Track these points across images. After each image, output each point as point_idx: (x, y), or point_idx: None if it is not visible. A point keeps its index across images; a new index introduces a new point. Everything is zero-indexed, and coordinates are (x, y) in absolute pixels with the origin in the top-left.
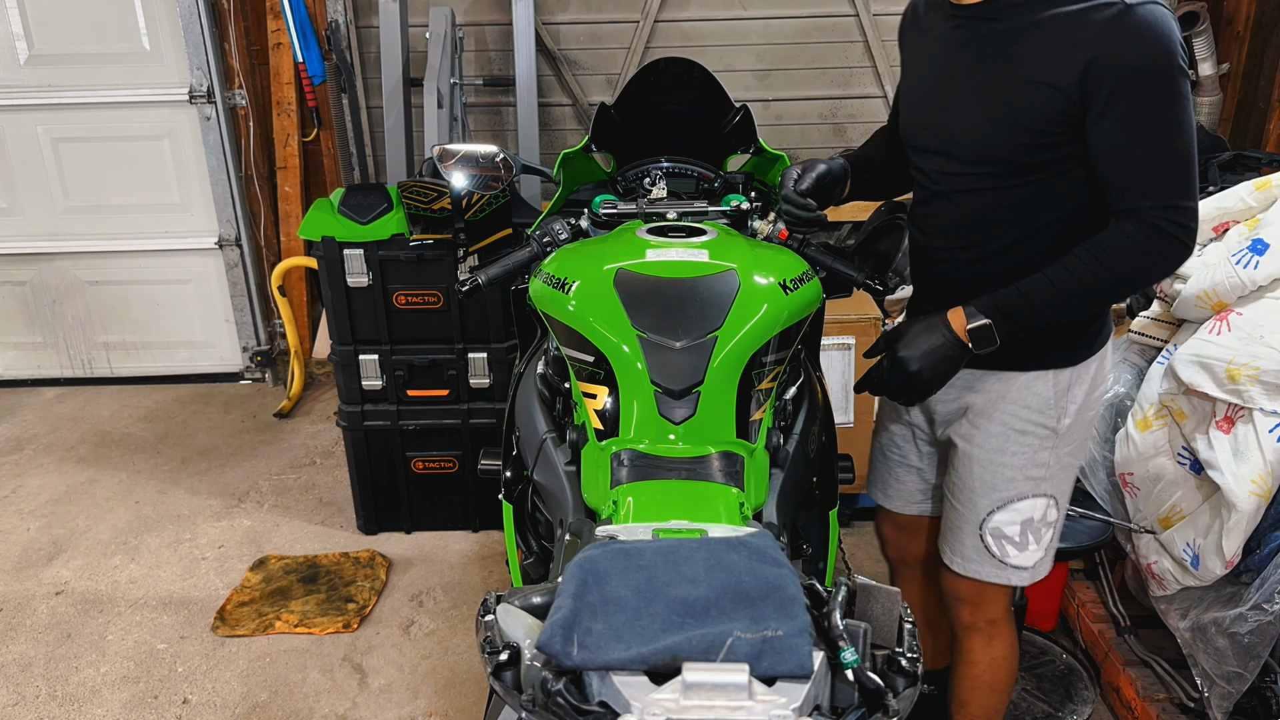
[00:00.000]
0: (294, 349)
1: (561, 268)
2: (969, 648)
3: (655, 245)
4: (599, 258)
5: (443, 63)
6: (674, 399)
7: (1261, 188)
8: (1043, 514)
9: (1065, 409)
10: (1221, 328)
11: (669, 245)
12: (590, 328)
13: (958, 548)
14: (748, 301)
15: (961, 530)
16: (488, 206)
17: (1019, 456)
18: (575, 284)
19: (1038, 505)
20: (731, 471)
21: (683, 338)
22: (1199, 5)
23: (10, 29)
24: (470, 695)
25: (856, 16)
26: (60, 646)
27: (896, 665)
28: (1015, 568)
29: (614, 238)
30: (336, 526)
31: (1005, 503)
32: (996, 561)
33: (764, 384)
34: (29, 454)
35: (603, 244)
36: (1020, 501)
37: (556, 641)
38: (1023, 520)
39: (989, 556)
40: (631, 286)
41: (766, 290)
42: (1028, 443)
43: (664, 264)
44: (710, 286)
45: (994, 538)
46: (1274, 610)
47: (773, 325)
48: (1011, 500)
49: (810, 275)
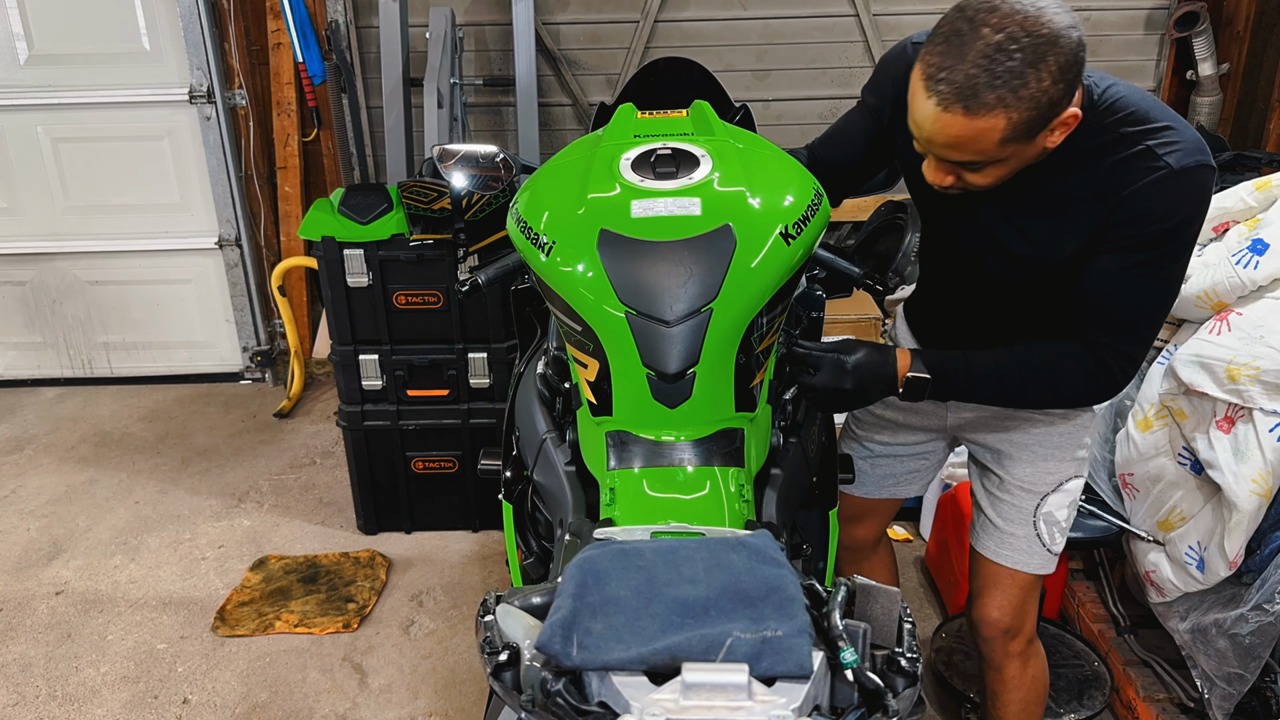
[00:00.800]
0: (294, 349)
1: (533, 208)
2: (1009, 675)
3: (640, 193)
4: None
5: (443, 63)
6: (667, 383)
7: (1261, 188)
8: (1078, 492)
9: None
10: (1221, 328)
11: (656, 194)
12: (575, 296)
13: (1008, 541)
14: (745, 263)
15: (1014, 523)
16: (488, 206)
17: (1066, 437)
18: (552, 244)
19: (1079, 484)
20: (731, 450)
21: (675, 313)
22: (1199, 5)
23: (10, 29)
24: (470, 695)
25: (856, 16)
26: (60, 646)
27: (896, 665)
28: (1054, 554)
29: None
30: (336, 526)
31: (1057, 484)
32: (1044, 551)
33: (764, 343)
34: (29, 454)
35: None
36: (1070, 482)
37: (556, 642)
38: (1070, 502)
39: (1039, 547)
40: (616, 252)
41: (765, 246)
42: (1073, 427)
43: (651, 222)
44: (703, 249)
45: (1046, 525)
46: (1275, 610)
47: (773, 283)
48: (1062, 481)
49: (819, 199)
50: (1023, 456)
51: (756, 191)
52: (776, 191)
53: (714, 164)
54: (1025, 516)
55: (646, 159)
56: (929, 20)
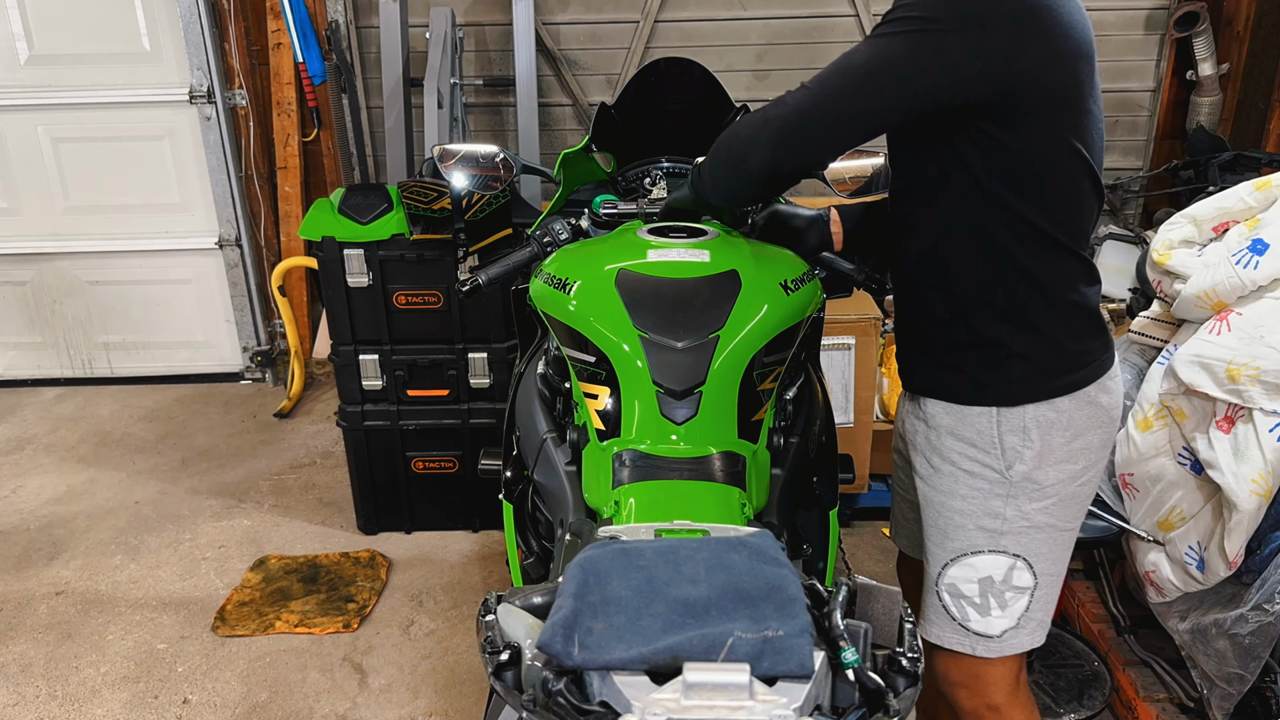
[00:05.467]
0: (294, 349)
1: (562, 268)
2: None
3: (656, 245)
4: (600, 258)
5: (443, 63)
6: (676, 399)
7: (1261, 188)
8: (1005, 575)
9: (1019, 454)
10: (1221, 328)
11: (670, 245)
12: (591, 328)
13: (923, 609)
14: (749, 302)
15: (924, 586)
16: (488, 206)
17: (969, 501)
18: (576, 284)
19: (998, 564)
20: (733, 472)
21: (684, 338)
22: (1199, 5)
23: (10, 29)
24: (470, 695)
25: (856, 16)
26: (60, 646)
27: (897, 665)
28: (978, 635)
29: (614, 238)
30: (336, 526)
31: (958, 554)
32: (957, 625)
33: (765, 384)
34: (29, 454)
35: (603, 244)
36: (974, 556)
37: (557, 641)
38: (980, 579)
39: (948, 618)
40: (633, 286)
41: (768, 291)
42: (977, 486)
43: (665, 264)
44: (712, 287)
45: (951, 595)
46: (1275, 610)
47: (774, 326)
48: (965, 553)
49: (810, 276)
50: (929, 514)
51: (759, 254)
52: (777, 257)
53: (721, 233)
54: (929, 584)
55: (662, 230)
56: None
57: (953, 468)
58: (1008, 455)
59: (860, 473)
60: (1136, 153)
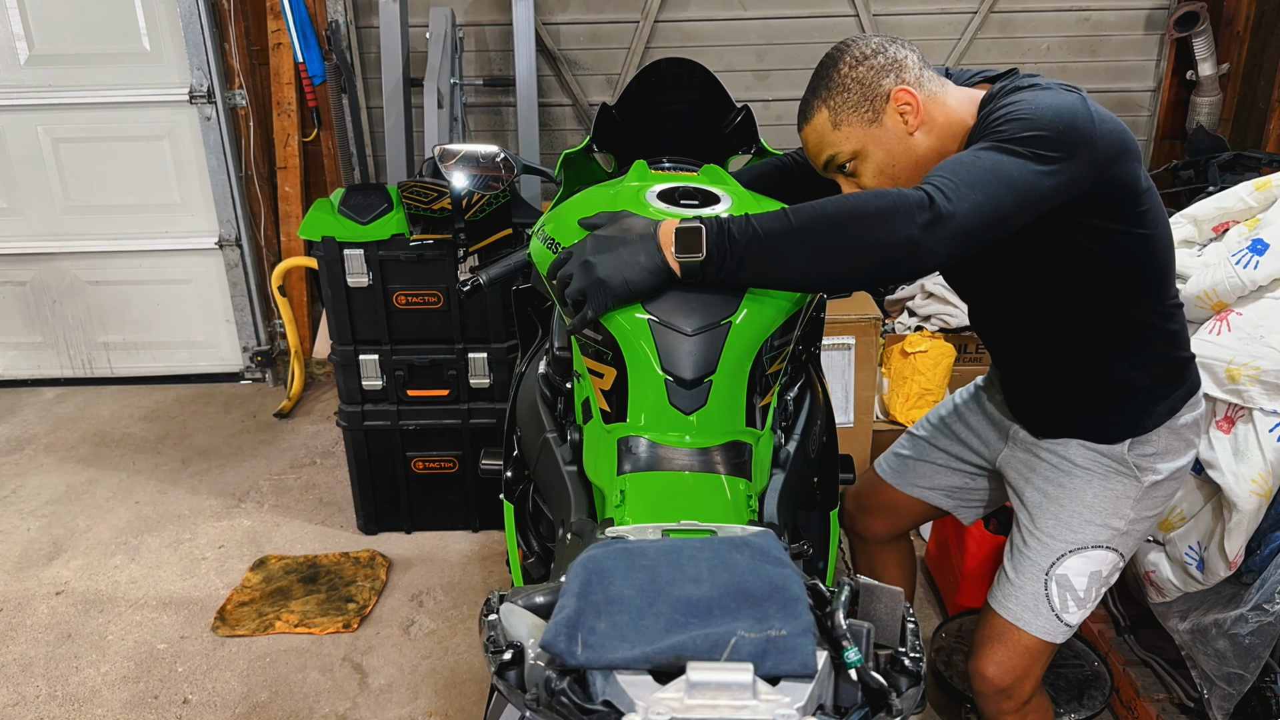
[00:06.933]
0: (294, 349)
1: (562, 229)
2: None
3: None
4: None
5: (443, 63)
6: (685, 388)
7: (1261, 188)
8: (1109, 571)
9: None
10: (1221, 328)
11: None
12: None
13: (1014, 594)
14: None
15: (1025, 576)
16: (488, 206)
17: (1101, 498)
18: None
19: (1108, 560)
20: (739, 462)
21: (695, 323)
22: (1199, 5)
23: (10, 29)
24: (470, 695)
25: (856, 16)
26: (60, 646)
27: (900, 665)
28: (1066, 624)
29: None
30: (336, 526)
31: (1080, 546)
32: (1053, 616)
33: (774, 366)
34: (29, 454)
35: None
36: (1095, 550)
37: (561, 640)
38: (1092, 571)
39: (1047, 609)
40: None
41: None
42: (1110, 488)
43: None
44: None
45: (1059, 588)
46: (1275, 610)
47: (787, 308)
48: (1086, 546)
49: None
50: (1049, 508)
51: None
52: None
53: (734, 203)
54: (1037, 572)
55: (671, 194)
56: (929, 20)
57: (1087, 472)
58: (1143, 471)
59: (860, 473)
60: None
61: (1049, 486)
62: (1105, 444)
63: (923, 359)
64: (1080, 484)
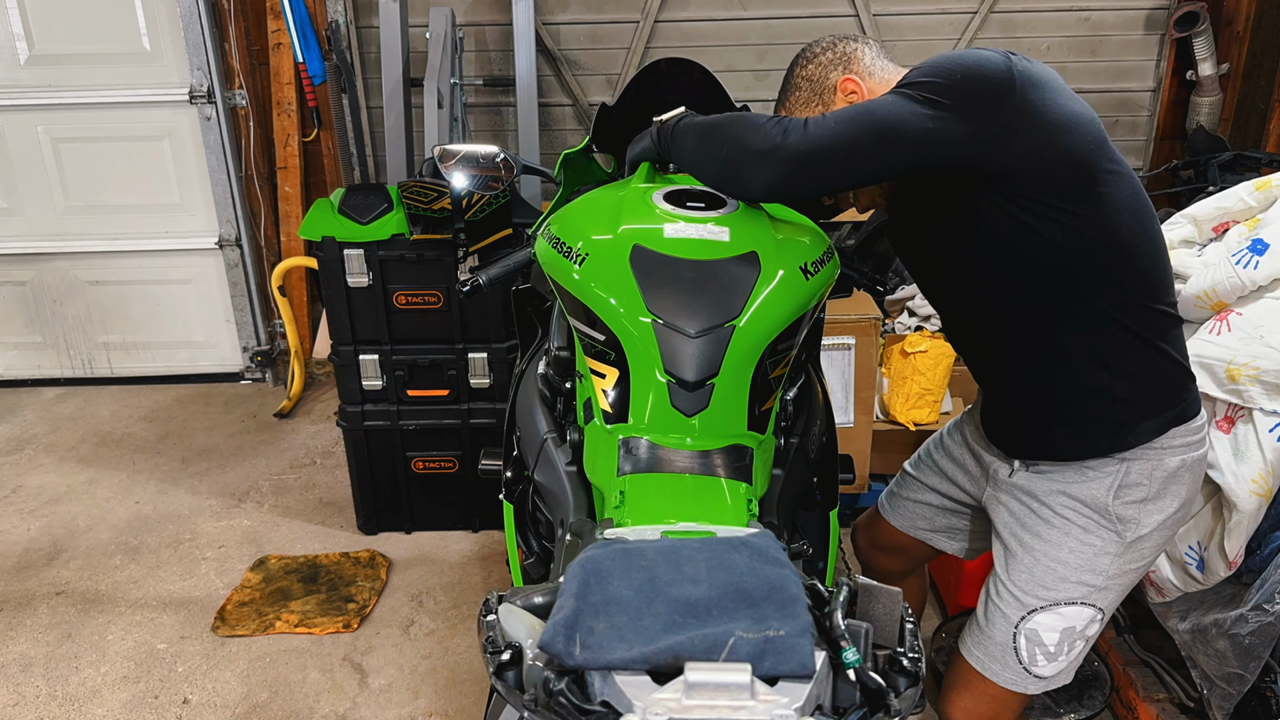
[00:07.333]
0: (294, 349)
1: (569, 229)
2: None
3: (673, 219)
4: (611, 221)
5: (443, 63)
6: (687, 390)
7: (1261, 188)
8: (1085, 626)
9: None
10: (1221, 328)
11: (688, 220)
12: (603, 305)
13: (982, 643)
14: (767, 288)
15: (994, 626)
16: (488, 207)
17: (1077, 555)
18: (586, 255)
19: (1084, 615)
20: (740, 465)
21: (699, 325)
22: (1199, 5)
23: (10, 29)
24: (470, 695)
25: (856, 16)
26: (60, 646)
27: (898, 665)
28: (1036, 676)
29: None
30: (336, 526)
31: (1052, 603)
32: (1020, 669)
33: (777, 371)
34: (29, 454)
35: (615, 203)
36: (1068, 606)
37: (559, 641)
38: (1064, 628)
39: (1014, 661)
40: (647, 266)
41: (787, 276)
42: (1089, 543)
43: (682, 242)
44: (730, 271)
45: (1028, 641)
46: (1275, 610)
47: (792, 313)
48: (1059, 602)
49: (831, 253)
50: (1024, 559)
51: (780, 231)
52: (798, 234)
53: (741, 206)
54: (1007, 625)
55: (678, 196)
56: (929, 20)
57: (1065, 523)
58: (1124, 524)
59: (860, 473)
60: (1136, 153)
61: (1025, 535)
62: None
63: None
64: (1058, 535)
